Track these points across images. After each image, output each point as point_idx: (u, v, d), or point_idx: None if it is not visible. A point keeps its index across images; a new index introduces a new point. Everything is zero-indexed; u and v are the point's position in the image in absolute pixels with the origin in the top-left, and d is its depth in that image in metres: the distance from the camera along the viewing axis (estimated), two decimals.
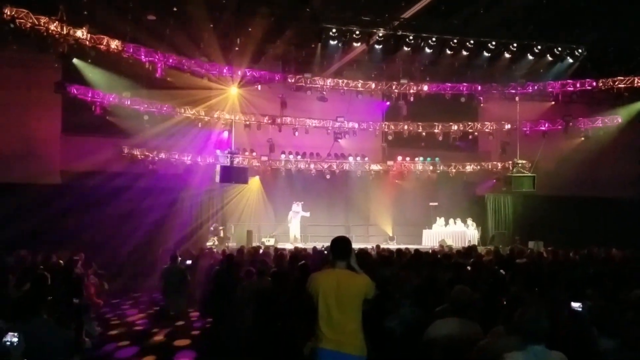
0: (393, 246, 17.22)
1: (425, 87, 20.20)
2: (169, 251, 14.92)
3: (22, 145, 17.69)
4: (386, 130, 21.67)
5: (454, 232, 20.69)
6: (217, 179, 18.96)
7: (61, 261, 10.16)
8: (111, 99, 17.45)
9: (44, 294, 5.17)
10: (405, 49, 17.76)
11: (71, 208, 16.41)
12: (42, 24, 13.80)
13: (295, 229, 20.02)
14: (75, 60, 16.41)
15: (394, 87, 20.16)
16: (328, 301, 4.46)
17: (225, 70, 18.37)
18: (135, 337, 9.40)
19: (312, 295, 4.56)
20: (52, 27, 13.99)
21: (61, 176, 18.53)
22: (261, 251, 13.74)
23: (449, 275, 7.12)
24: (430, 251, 13.41)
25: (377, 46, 17.70)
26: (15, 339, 3.49)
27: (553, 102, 21.09)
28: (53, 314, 5.23)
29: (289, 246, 15.90)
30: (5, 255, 11.02)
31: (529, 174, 20.20)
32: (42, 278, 6.86)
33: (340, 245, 4.66)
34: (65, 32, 14.30)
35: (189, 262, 12.26)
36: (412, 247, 15.03)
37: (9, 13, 13.15)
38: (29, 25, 13.52)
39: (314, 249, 13.83)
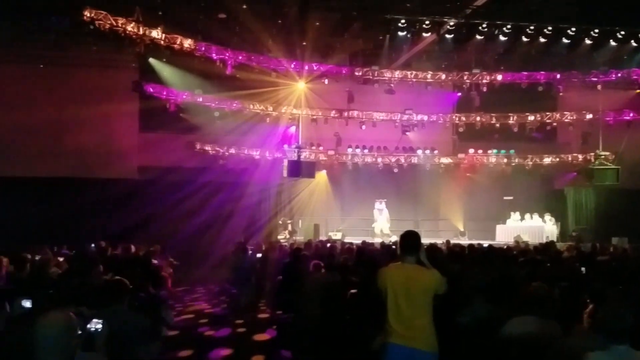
0: (464, 242, 16.83)
1: (500, 77, 19.59)
2: (239, 244, 15.27)
3: (102, 143, 18.50)
4: (457, 122, 21.19)
5: (530, 228, 19.93)
6: (285, 173, 19.19)
7: (139, 252, 10.60)
8: (184, 97, 18.01)
9: (125, 283, 5.36)
10: (478, 37, 17.29)
11: (148, 202, 17.07)
12: (120, 25, 14.38)
13: (383, 224, 19.90)
14: (151, 60, 17.04)
15: (465, 77, 19.68)
16: (397, 296, 4.41)
17: (292, 66, 18.53)
18: (207, 327, 9.66)
19: (381, 289, 4.52)
20: (129, 27, 14.56)
21: (139, 172, 19.31)
22: (328, 245, 13.78)
23: (524, 271, 6.88)
24: (504, 247, 13.00)
25: (447, 36, 17.31)
26: (99, 326, 3.65)
27: (638, 91, 19.94)
28: (133, 303, 5.43)
29: (377, 240, 15.96)
30: (87, 246, 11.63)
31: (613, 166, 19.24)
32: (123, 268, 7.19)
33: (409, 240, 4.59)
34: (141, 32, 14.86)
35: (259, 255, 12.46)
36: (484, 242, 14.63)
37: (88, 15, 13.77)
38: (107, 26, 14.13)
39: (382, 243, 13.72)
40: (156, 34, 15.27)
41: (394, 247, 11.39)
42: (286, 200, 20.84)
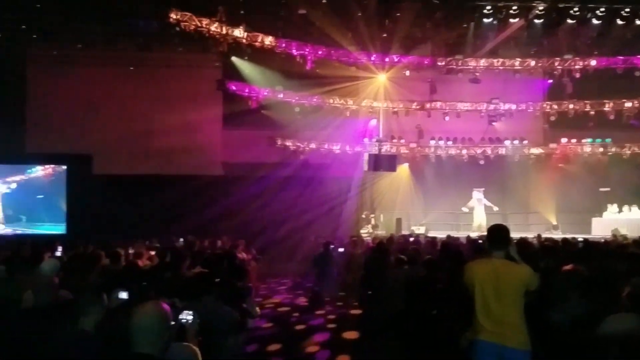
0: (557, 235, 16.04)
1: (594, 62, 18.45)
2: (321, 238, 15.38)
3: (188, 140, 19.13)
4: (548, 110, 20.22)
5: (629, 221, 18.60)
6: (366, 167, 19.10)
7: (225, 247, 10.92)
8: (265, 93, 18.33)
9: (213, 276, 5.52)
10: (569, 21, 16.35)
11: (232, 197, 17.54)
12: (204, 26, 14.82)
13: (481, 217, 19.42)
14: (233, 58, 17.49)
15: (556, 63, 18.69)
16: (485, 292, 4.29)
17: (373, 58, 18.36)
18: (291, 320, 9.79)
19: (468, 285, 4.42)
20: (212, 28, 14.98)
21: (223, 168, 19.87)
22: (411, 239, 13.61)
23: (624, 267, 6.47)
24: (602, 241, 12.29)
25: (536, 21, 16.51)
26: (190, 317, 3.76)
27: None
28: (219, 295, 5.57)
29: (474, 234, 15.63)
30: (176, 241, 12.11)
31: None
32: (210, 261, 7.41)
33: (498, 233, 4.47)
34: (224, 32, 15.24)
35: (341, 249, 12.48)
36: (579, 236, 13.91)
37: (174, 17, 14.29)
38: (192, 27, 14.60)
39: (468, 237, 13.38)
40: (238, 32, 15.62)
41: (480, 241, 11.08)
42: (367, 194, 20.75)
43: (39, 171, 18.12)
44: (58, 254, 9.22)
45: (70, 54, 18.63)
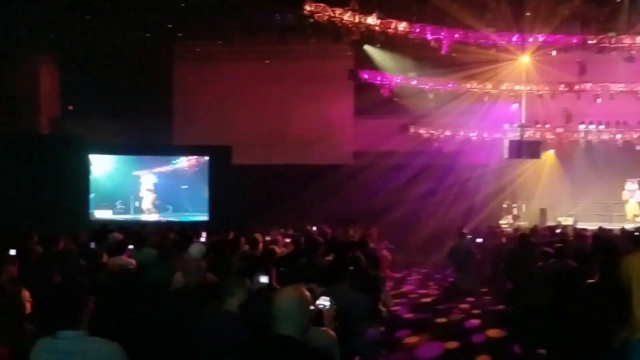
0: None
1: None
2: (456, 228, 14.96)
3: (320, 130, 19.50)
4: None
5: None
6: (506, 154, 18.22)
7: (357, 235, 10.98)
8: (398, 81, 18.11)
9: (346, 264, 5.54)
10: None
11: (363, 187, 17.61)
12: (337, 16, 14.93)
13: (635, 208, 18.01)
14: (366, 47, 17.48)
15: None
16: None
17: (514, 39, 17.32)
18: (426, 311, 9.61)
19: (624, 280, 4.14)
20: (345, 17, 15.05)
21: (354, 157, 20.02)
22: (557, 231, 12.79)
23: None
24: None
25: None
26: (327, 303, 3.80)
27: None
28: (353, 283, 5.59)
29: (628, 226, 14.51)
30: (310, 229, 12.40)
31: None
32: (343, 249, 7.48)
33: None
34: (357, 20, 15.26)
35: (479, 240, 12.03)
36: None
37: (308, 9, 14.56)
38: (325, 18, 14.77)
39: (623, 229, 12.32)
40: (371, 20, 15.55)
41: (637, 233, 10.20)
42: (507, 183, 19.76)
43: (184, 162, 19.30)
44: (202, 239, 9.80)
45: (212, 51, 19.85)
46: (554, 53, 17.54)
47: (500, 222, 17.89)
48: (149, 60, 19.45)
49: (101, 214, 18.02)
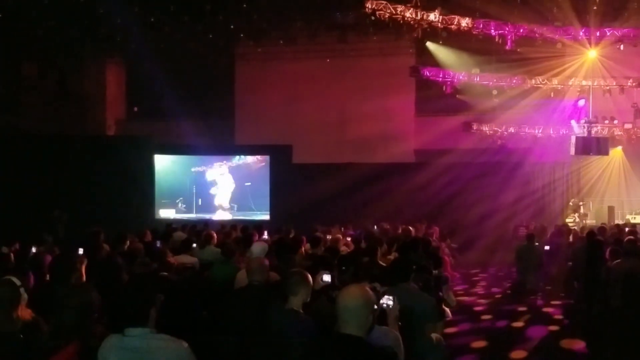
0: None
1: None
2: (521, 226, 14.60)
3: (380, 128, 19.38)
4: None
5: None
6: (572, 151, 17.65)
7: (419, 234, 10.91)
8: (461, 77, 17.83)
9: (409, 262, 5.55)
10: None
11: (425, 185, 17.43)
12: (399, 13, 14.85)
13: None
14: (428, 43, 17.31)
15: None
16: None
17: (581, 33, 16.72)
18: (491, 311, 9.45)
19: None
20: (407, 14, 14.95)
21: (415, 155, 19.86)
22: (627, 229, 12.31)
23: None
24: None
25: None
26: (391, 302, 3.81)
27: None
28: (417, 282, 5.59)
29: None
30: (370, 227, 12.40)
31: None
32: (406, 248, 7.46)
33: None
34: (419, 17, 15.13)
35: (547, 247, 11.65)
36: None
37: (370, 6, 14.56)
38: (387, 15, 14.72)
39: None
40: (433, 16, 15.37)
41: None
42: (574, 181, 19.19)
43: (248, 160, 19.57)
44: (265, 238, 9.98)
45: (273, 51, 20.08)
46: (621, 47, 16.82)
47: (567, 220, 17.37)
48: (212, 61, 19.96)
49: (165, 213, 18.60)
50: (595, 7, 15.84)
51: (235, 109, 21.28)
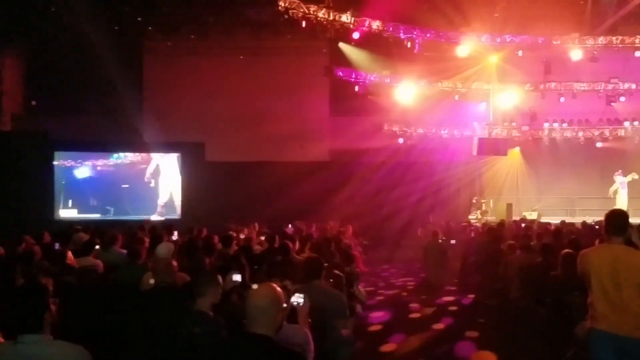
0: None
1: None
2: (429, 224, 15.14)
3: (295, 127, 19.38)
4: None
5: None
6: (475, 151, 18.56)
7: (332, 232, 11.08)
8: (372, 78, 18.24)
9: (321, 260, 5.61)
10: None
11: (339, 183, 17.69)
12: (312, 12, 14.98)
13: (624, 201, 18.21)
14: (340, 44, 17.55)
15: None
16: (603, 279, 4.11)
17: (484, 39, 17.66)
18: (397, 305, 9.74)
19: (583, 273, 4.27)
20: (320, 14, 15.12)
21: (330, 154, 20.09)
22: (523, 225, 13.11)
23: None
24: None
25: None
26: (301, 300, 3.85)
27: None
28: (328, 280, 5.67)
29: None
30: (285, 226, 12.44)
31: None
32: (319, 246, 7.55)
33: (616, 219, 4.28)
34: (332, 17, 15.33)
35: (453, 241, 12.17)
36: None
37: (283, 5, 14.57)
38: (300, 14, 14.81)
39: (584, 223, 12.68)
40: (345, 18, 15.64)
41: (597, 227, 10.51)
42: (477, 180, 20.22)
43: (126, 159, 18.80)
44: (174, 238, 9.74)
45: (184, 45, 19.52)
46: (520, 53, 17.90)
47: (470, 217, 18.22)
48: (118, 54, 19.06)
49: (66, 213, 17.70)
50: (496, 15, 16.77)
51: (144, 104, 20.49)
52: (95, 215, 17.90)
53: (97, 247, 7.77)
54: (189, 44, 19.51)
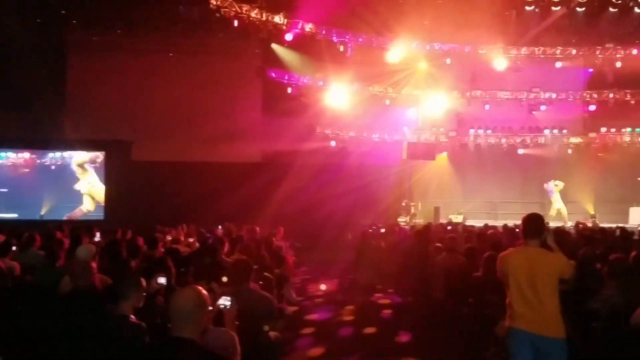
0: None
1: (635, 51, 18.06)
2: (360, 226, 15.33)
3: (227, 128, 19.08)
4: (588, 99, 19.81)
5: None
6: (404, 155, 18.98)
7: (263, 234, 11.00)
8: (305, 81, 18.30)
9: (251, 263, 5.56)
10: (611, 10, 16.13)
11: (271, 185, 17.61)
12: (244, 12, 14.88)
13: (559, 205, 19.09)
14: (273, 45, 17.48)
15: (597, 52, 18.30)
16: (519, 280, 4.31)
17: (414, 46, 18.13)
18: (328, 307, 9.79)
19: (502, 274, 4.46)
20: (252, 14, 15.02)
21: (262, 155, 19.96)
22: (449, 228, 13.50)
23: None
24: (638, 230, 12.04)
25: (578, 9, 16.25)
26: (228, 302, 3.80)
27: None
28: (258, 282, 5.63)
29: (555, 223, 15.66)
30: (214, 228, 12.26)
31: None
32: (248, 248, 7.48)
33: (532, 223, 4.47)
34: (264, 18, 15.26)
35: (382, 243, 12.34)
36: (614, 226, 13.61)
37: (214, 3, 14.37)
38: (232, 13, 14.67)
39: (505, 226, 13.21)
40: (279, 19, 15.62)
41: (517, 230, 10.93)
42: (406, 183, 20.68)
43: (8, 160, 17.86)
44: (96, 239, 9.40)
45: (110, 40, 18.77)
46: (448, 61, 18.51)
47: (400, 219, 18.58)
48: (40, 48, 18.17)
49: None
50: (426, 23, 17.26)
51: (67, 100, 19.59)
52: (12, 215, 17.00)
53: (14, 248, 7.40)
54: (116, 40, 18.80)
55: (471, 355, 6.29)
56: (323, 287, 11.54)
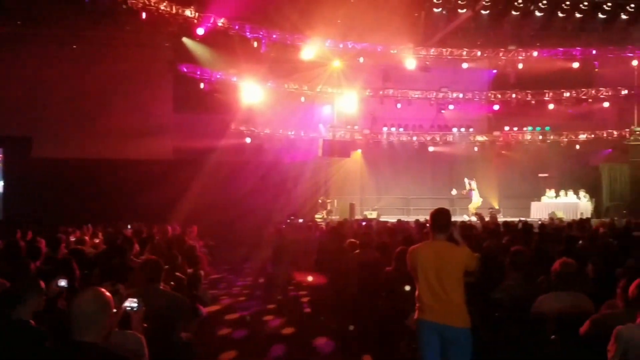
0: (500, 219, 16.55)
1: (535, 53, 19.20)
2: (276, 223, 15.30)
3: (136, 123, 18.42)
4: (492, 99, 20.88)
5: (565, 204, 19.63)
6: (320, 153, 19.16)
7: (176, 233, 10.73)
8: (218, 76, 17.99)
9: (161, 263, 5.39)
10: (514, 13, 17.05)
11: (183, 183, 17.20)
12: (153, 4, 14.39)
13: (477, 200, 19.57)
14: (184, 39, 17.02)
15: (501, 54, 19.31)
16: (427, 273, 4.45)
17: (327, 44, 18.29)
18: (243, 306, 9.71)
19: (411, 268, 4.60)
20: (162, 6, 14.56)
21: (173, 152, 19.43)
22: (363, 224, 13.74)
23: (560, 248, 6.76)
24: (539, 223, 12.82)
25: (483, 12, 17.03)
26: (134, 304, 3.67)
27: None
28: (169, 282, 5.47)
29: (473, 219, 16.08)
30: (123, 227, 11.82)
31: None
32: (159, 248, 7.25)
33: (439, 217, 4.63)
34: (174, 11, 14.84)
35: (295, 234, 12.41)
36: (516, 219, 14.42)
37: None
38: (140, 5, 14.14)
39: (416, 221, 13.63)
40: (189, 12, 15.24)
41: (427, 225, 11.29)
42: (322, 180, 20.88)
43: None
44: None
45: (9, 30, 17.60)
46: (361, 60, 18.86)
47: (316, 216, 18.74)
48: None
49: None
50: (339, 21, 17.46)
51: None
52: None
53: None
54: (15, 30, 17.60)
55: (385, 347, 6.43)
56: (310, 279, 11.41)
